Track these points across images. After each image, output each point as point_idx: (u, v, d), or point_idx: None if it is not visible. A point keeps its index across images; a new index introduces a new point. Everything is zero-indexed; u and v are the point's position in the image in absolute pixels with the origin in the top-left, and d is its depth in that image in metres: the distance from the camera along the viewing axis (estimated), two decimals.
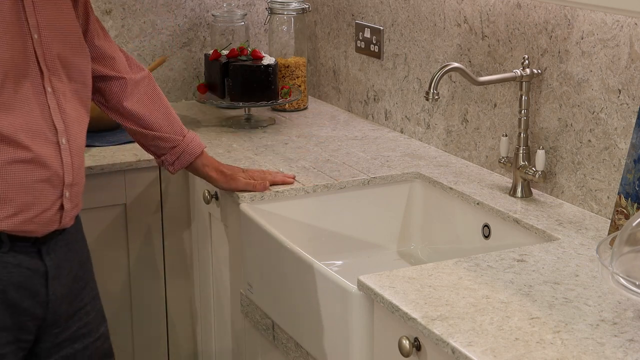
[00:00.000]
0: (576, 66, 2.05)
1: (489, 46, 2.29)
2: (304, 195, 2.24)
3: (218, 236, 2.40)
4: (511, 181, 2.20)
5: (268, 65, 2.71)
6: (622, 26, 1.91)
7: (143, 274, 2.55)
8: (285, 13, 2.90)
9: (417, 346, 1.60)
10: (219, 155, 2.44)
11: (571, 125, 2.08)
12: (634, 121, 1.90)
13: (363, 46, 2.80)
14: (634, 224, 1.58)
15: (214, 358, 2.54)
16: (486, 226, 2.13)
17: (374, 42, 2.74)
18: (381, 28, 2.70)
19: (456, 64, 2.06)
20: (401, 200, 2.35)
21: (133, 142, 2.53)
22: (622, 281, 1.53)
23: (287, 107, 2.90)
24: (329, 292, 1.83)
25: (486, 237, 2.13)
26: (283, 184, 2.24)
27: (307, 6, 2.92)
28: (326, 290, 1.84)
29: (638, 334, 1.50)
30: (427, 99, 2.01)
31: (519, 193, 2.16)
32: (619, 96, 1.95)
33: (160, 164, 2.21)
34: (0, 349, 1.79)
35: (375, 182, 2.31)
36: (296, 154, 2.49)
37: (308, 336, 1.95)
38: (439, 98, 2.11)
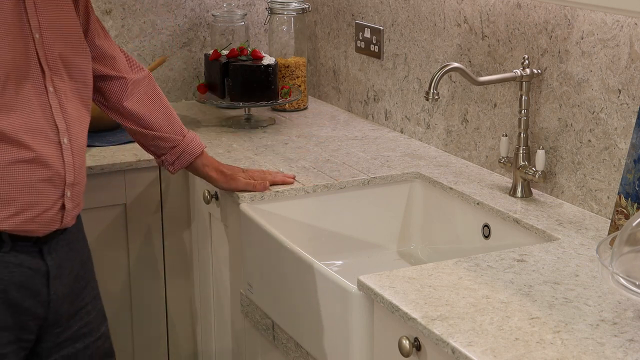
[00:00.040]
0: (576, 66, 2.05)
1: (489, 46, 2.29)
2: (304, 195, 2.24)
3: (218, 236, 2.39)
4: (511, 181, 2.20)
5: (268, 65, 2.71)
6: (622, 26, 1.91)
7: (143, 274, 2.55)
8: (285, 13, 2.90)
9: (417, 346, 1.60)
10: (219, 155, 2.44)
11: (571, 125, 2.08)
12: (634, 121, 1.90)
13: (363, 46, 2.80)
14: (634, 224, 1.58)
15: (214, 358, 2.54)
16: (486, 226, 2.13)
17: (374, 42, 2.74)
18: (381, 28, 2.70)
19: (456, 64, 2.06)
20: (401, 200, 2.35)
21: (133, 142, 2.53)
22: (622, 281, 1.53)
23: (287, 107, 2.90)
24: (329, 292, 1.83)
25: (486, 237, 2.13)
26: (283, 184, 2.24)
27: (307, 6, 2.91)
28: (326, 290, 1.84)
29: (638, 334, 1.50)
30: (427, 99, 2.01)
31: (519, 193, 2.16)
32: (619, 96, 1.95)
33: (160, 164, 2.21)
34: (1, 349, 1.79)
35: (375, 182, 2.31)
36: (296, 154, 2.49)
37: (308, 336, 1.95)
38: (439, 98, 2.11)
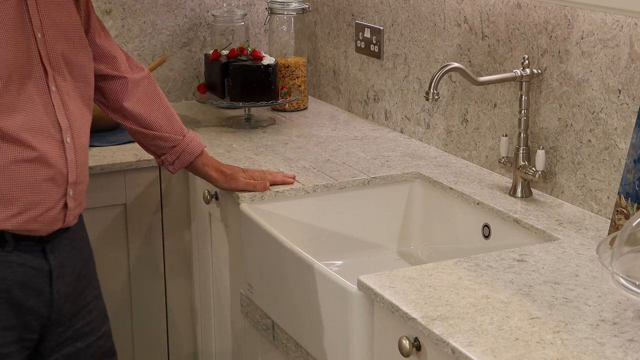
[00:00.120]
0: (576, 66, 2.05)
1: (489, 46, 2.29)
2: (304, 195, 2.24)
3: (218, 236, 2.39)
4: (511, 181, 2.20)
5: (268, 65, 2.71)
6: (622, 26, 1.91)
7: (143, 274, 2.55)
8: (285, 13, 2.90)
9: (417, 346, 1.60)
10: (219, 155, 2.44)
11: (571, 125, 2.08)
12: (634, 121, 1.90)
13: (363, 46, 2.80)
14: (634, 224, 1.58)
15: (214, 358, 2.54)
16: (486, 226, 2.13)
17: (374, 42, 2.74)
18: (381, 28, 2.70)
19: (456, 64, 2.06)
20: (401, 200, 2.35)
21: (133, 142, 2.53)
22: (622, 281, 1.53)
23: (287, 107, 2.90)
24: (329, 292, 1.83)
25: (486, 237, 2.13)
26: (283, 184, 2.24)
27: (307, 6, 2.91)
28: (326, 290, 1.84)
29: (638, 334, 1.50)
30: (427, 99, 2.01)
31: (519, 193, 2.16)
32: (619, 96, 1.95)
33: (160, 164, 2.21)
34: (5, 348, 1.79)
35: (375, 182, 2.31)
36: (296, 154, 2.49)
37: (308, 336, 1.95)
38: (439, 98, 2.11)
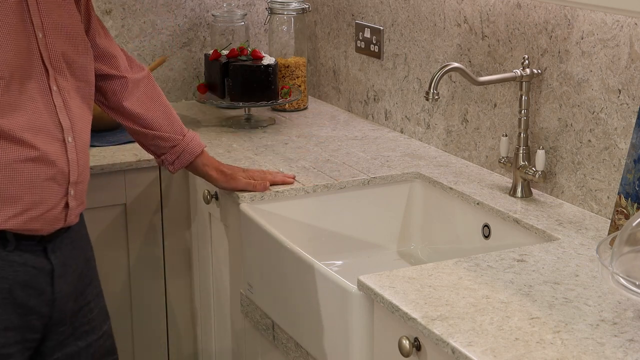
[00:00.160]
0: (576, 66, 2.05)
1: (489, 46, 2.29)
2: (304, 195, 2.24)
3: (218, 236, 2.39)
4: (511, 181, 2.20)
5: (268, 65, 2.71)
6: (622, 26, 1.91)
7: (143, 274, 2.55)
8: (285, 13, 2.90)
9: (417, 346, 1.60)
10: (219, 155, 2.44)
11: (571, 125, 2.08)
12: (634, 121, 1.90)
13: (363, 46, 2.80)
14: (634, 224, 1.58)
15: (214, 358, 2.54)
16: (486, 226, 2.13)
17: (374, 42, 2.74)
18: (381, 28, 2.70)
19: (456, 64, 2.06)
20: (401, 200, 2.35)
21: (133, 142, 2.53)
22: (622, 281, 1.53)
23: (287, 107, 2.90)
24: (329, 292, 1.83)
25: (486, 237, 2.13)
26: (283, 184, 2.24)
27: (307, 6, 2.91)
28: (326, 290, 1.84)
29: (638, 334, 1.50)
30: (427, 99, 2.01)
31: (519, 193, 2.16)
32: (619, 96, 1.95)
33: (160, 164, 2.21)
34: (7, 349, 1.79)
35: (375, 182, 2.31)
36: (296, 154, 2.49)
37: (308, 336, 1.95)
38: (439, 98, 2.11)
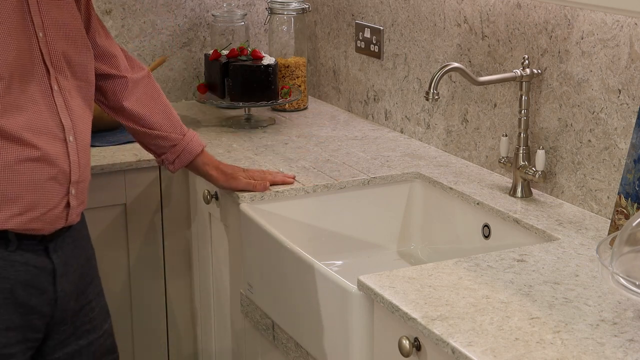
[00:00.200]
0: (576, 66, 2.05)
1: (489, 46, 2.29)
2: (304, 195, 2.24)
3: (218, 236, 2.39)
4: (511, 181, 2.20)
5: (268, 65, 2.71)
6: (622, 26, 1.91)
7: (143, 274, 2.55)
8: (285, 13, 2.90)
9: (417, 346, 1.60)
10: (219, 155, 2.44)
11: (571, 125, 2.08)
12: (634, 121, 1.90)
13: (363, 46, 2.80)
14: (634, 224, 1.58)
15: (214, 358, 2.54)
16: (486, 226, 2.13)
17: (374, 42, 2.74)
18: (381, 28, 2.70)
19: (456, 64, 2.06)
20: (401, 200, 2.35)
21: (133, 142, 2.53)
22: (622, 281, 1.53)
23: (287, 107, 2.90)
24: (329, 292, 1.83)
25: (486, 237, 2.13)
26: (283, 184, 2.24)
27: (307, 6, 2.91)
28: (326, 290, 1.84)
29: (638, 334, 1.50)
30: (427, 99, 2.01)
31: (519, 193, 2.16)
32: (619, 96, 1.95)
33: (160, 163, 2.21)
34: (9, 349, 1.79)
35: (375, 182, 2.31)
36: (296, 154, 2.49)
37: (308, 336, 1.95)
38: (439, 98, 2.11)
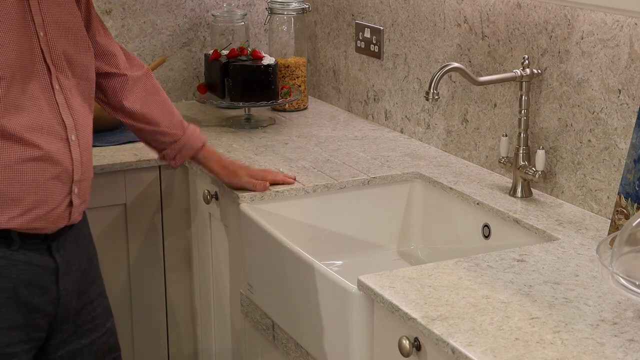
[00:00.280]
0: (576, 66, 2.05)
1: (489, 46, 2.29)
2: (304, 195, 2.24)
3: (218, 236, 2.39)
4: (511, 181, 2.20)
5: (268, 65, 2.71)
6: (622, 26, 1.91)
7: (143, 274, 2.55)
8: (285, 13, 2.90)
9: (417, 346, 1.60)
10: None
11: (571, 125, 2.08)
12: (634, 121, 1.90)
13: (363, 46, 2.80)
14: (634, 224, 1.58)
15: (214, 358, 2.54)
16: (486, 226, 2.13)
17: (374, 42, 2.74)
18: (381, 28, 2.70)
19: (456, 64, 2.06)
20: (401, 200, 2.35)
21: (133, 142, 2.54)
22: (622, 281, 1.53)
23: (287, 107, 2.90)
24: (329, 292, 1.83)
25: (486, 237, 2.13)
26: (283, 184, 2.24)
27: (307, 6, 2.91)
28: (326, 290, 1.84)
29: (638, 334, 1.50)
30: (427, 99, 2.01)
31: (519, 193, 2.16)
32: (619, 96, 1.95)
33: (161, 159, 2.21)
34: (11, 348, 1.79)
35: (375, 182, 2.31)
36: (296, 154, 2.49)
37: (308, 336, 1.95)
38: (439, 98, 2.11)
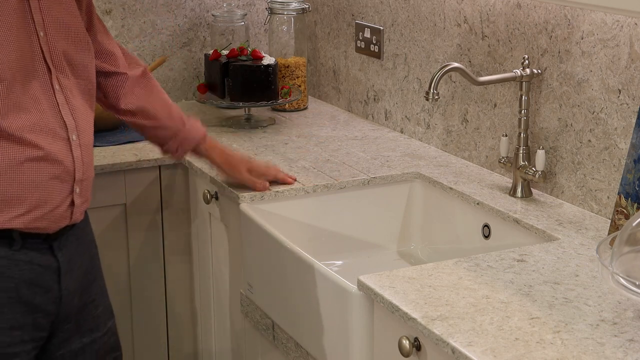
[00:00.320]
0: (576, 66, 2.05)
1: (489, 46, 2.29)
2: (304, 195, 2.24)
3: (218, 236, 2.39)
4: (511, 181, 2.20)
5: (268, 65, 2.71)
6: (622, 26, 1.91)
7: (143, 274, 2.55)
8: (285, 13, 2.90)
9: (417, 346, 1.60)
10: None
11: (571, 125, 2.08)
12: (634, 121, 1.90)
13: (363, 46, 2.80)
14: (634, 224, 1.58)
15: (214, 358, 2.54)
16: (486, 226, 2.13)
17: (374, 42, 2.74)
18: (381, 28, 2.70)
19: (456, 64, 2.06)
20: (401, 200, 2.35)
21: (133, 142, 2.55)
22: (622, 281, 1.53)
23: (287, 107, 2.90)
24: (329, 292, 1.83)
25: (486, 237, 2.13)
26: (284, 183, 2.24)
27: (307, 6, 2.91)
28: (326, 290, 1.84)
29: (638, 334, 1.50)
30: (427, 99, 2.01)
31: (519, 193, 2.16)
32: (619, 96, 1.95)
33: (164, 153, 2.21)
34: (13, 348, 1.79)
35: (375, 182, 2.31)
36: (296, 154, 2.49)
37: (308, 336, 1.95)
38: (439, 98, 2.11)
